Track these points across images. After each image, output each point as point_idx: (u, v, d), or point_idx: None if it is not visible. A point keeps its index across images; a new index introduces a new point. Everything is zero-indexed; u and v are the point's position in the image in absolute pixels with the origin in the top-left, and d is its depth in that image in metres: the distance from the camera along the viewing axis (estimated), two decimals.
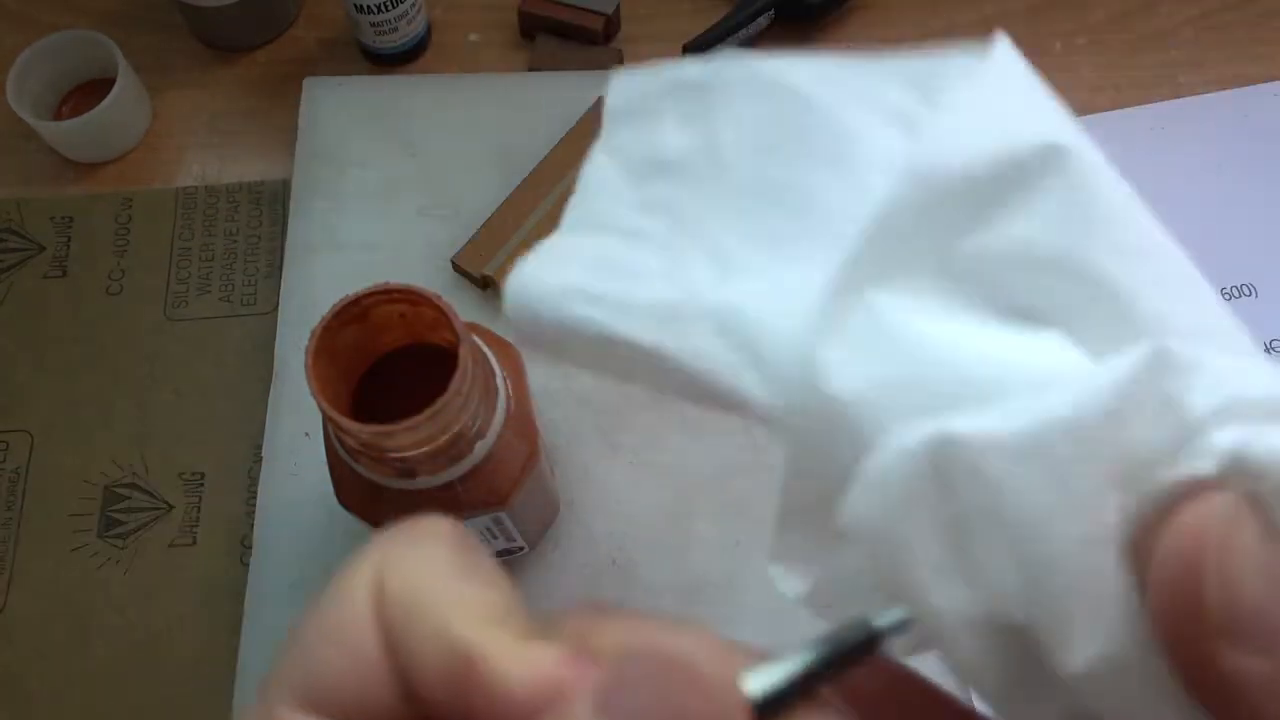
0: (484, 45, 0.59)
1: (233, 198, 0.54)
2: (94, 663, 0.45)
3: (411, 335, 0.32)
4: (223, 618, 0.46)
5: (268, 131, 0.56)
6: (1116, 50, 0.57)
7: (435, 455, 0.29)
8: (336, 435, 0.30)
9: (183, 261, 0.53)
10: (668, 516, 0.45)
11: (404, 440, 0.28)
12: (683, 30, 0.58)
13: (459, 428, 0.29)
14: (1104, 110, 0.54)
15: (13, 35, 0.59)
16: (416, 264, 0.50)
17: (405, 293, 0.29)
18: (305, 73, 0.56)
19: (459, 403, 0.28)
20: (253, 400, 0.48)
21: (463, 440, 0.30)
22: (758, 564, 0.45)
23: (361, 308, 0.30)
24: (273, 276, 0.52)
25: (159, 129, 0.56)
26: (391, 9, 0.54)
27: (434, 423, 0.28)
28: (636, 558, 0.45)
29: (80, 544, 0.47)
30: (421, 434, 0.28)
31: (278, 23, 0.58)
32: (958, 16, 0.59)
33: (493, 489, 0.32)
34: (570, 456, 0.47)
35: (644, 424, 0.47)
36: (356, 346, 0.31)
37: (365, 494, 0.31)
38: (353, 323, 0.30)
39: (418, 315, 0.31)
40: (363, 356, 0.32)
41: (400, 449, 0.28)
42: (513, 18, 0.58)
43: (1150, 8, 0.59)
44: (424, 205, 0.52)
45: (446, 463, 0.30)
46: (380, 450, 0.29)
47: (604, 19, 0.57)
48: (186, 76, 0.58)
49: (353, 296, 0.29)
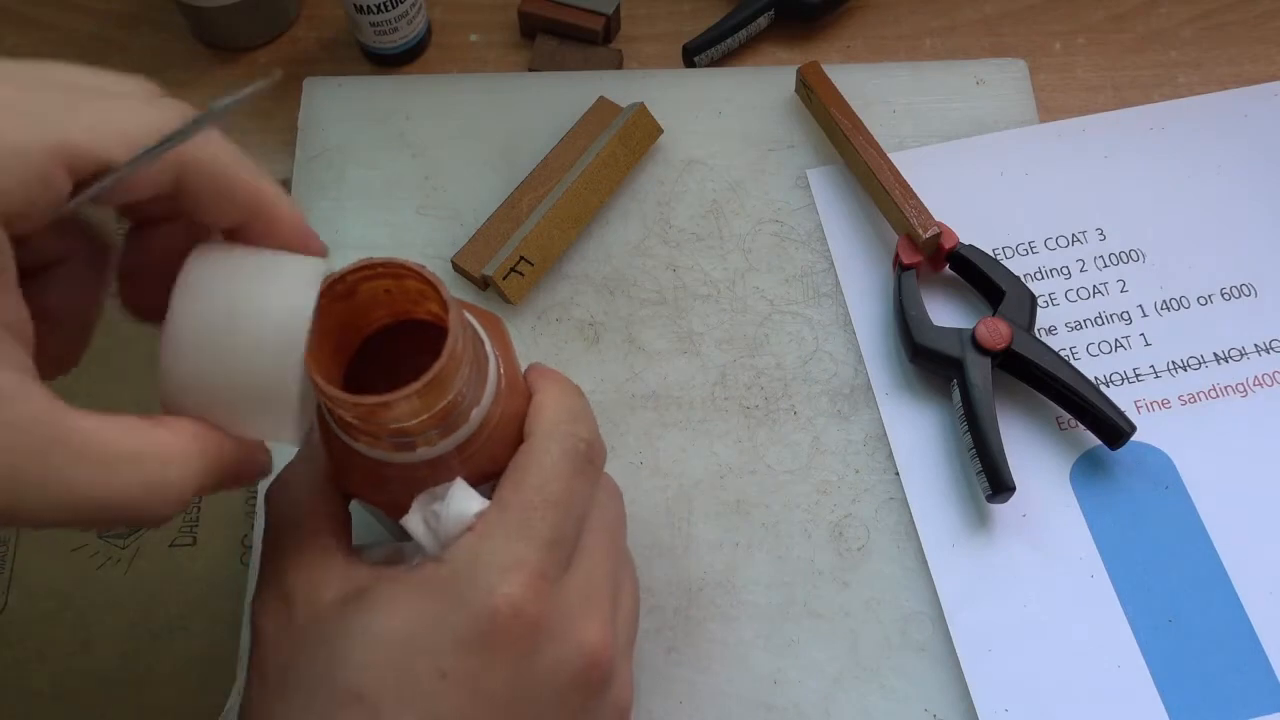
0: (484, 45, 0.59)
1: None
2: (94, 663, 0.45)
3: (398, 311, 0.32)
4: (223, 618, 0.46)
5: (268, 131, 0.56)
6: (1116, 50, 0.57)
7: (433, 424, 0.29)
8: (333, 414, 0.30)
9: None
10: (668, 516, 0.45)
11: (402, 410, 0.28)
12: (683, 30, 0.58)
13: (454, 394, 0.29)
14: (1104, 110, 0.54)
15: (13, 35, 0.59)
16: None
17: (389, 266, 0.29)
18: (305, 73, 0.56)
19: (454, 368, 0.28)
20: None
21: (459, 408, 0.30)
22: (758, 564, 0.45)
23: (347, 285, 0.30)
24: None
25: None
26: (391, 9, 0.54)
27: (430, 390, 0.28)
28: (636, 558, 0.45)
29: (80, 544, 0.47)
30: (418, 403, 0.28)
31: (278, 23, 0.58)
32: (958, 16, 0.59)
33: (492, 457, 0.32)
34: None
35: (644, 424, 0.47)
36: (345, 324, 0.31)
37: (366, 474, 0.31)
38: (339, 300, 0.30)
39: (403, 289, 0.31)
40: (352, 334, 0.32)
41: (399, 419, 0.28)
42: (513, 18, 0.58)
43: (1150, 8, 0.59)
44: (424, 205, 0.52)
45: (445, 432, 0.30)
46: (378, 423, 0.29)
47: (604, 19, 0.57)
48: (186, 76, 0.58)
49: (338, 274, 0.29)
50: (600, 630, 0.31)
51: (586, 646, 0.30)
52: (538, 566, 0.30)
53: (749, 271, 0.50)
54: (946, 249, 0.48)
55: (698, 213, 0.52)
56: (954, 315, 0.49)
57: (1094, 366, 0.48)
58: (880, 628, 0.43)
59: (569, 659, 0.30)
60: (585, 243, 0.51)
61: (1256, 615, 0.43)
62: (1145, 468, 0.46)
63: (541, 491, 0.31)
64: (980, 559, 0.44)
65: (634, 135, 0.52)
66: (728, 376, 0.48)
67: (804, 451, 0.46)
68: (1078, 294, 0.49)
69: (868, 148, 0.50)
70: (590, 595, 0.31)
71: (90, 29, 0.59)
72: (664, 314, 0.50)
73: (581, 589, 0.31)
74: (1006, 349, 0.45)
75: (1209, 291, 0.49)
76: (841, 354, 0.49)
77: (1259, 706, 0.41)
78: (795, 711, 0.42)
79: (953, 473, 0.46)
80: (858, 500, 0.46)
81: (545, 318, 0.50)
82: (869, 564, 0.44)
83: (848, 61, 0.57)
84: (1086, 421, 0.46)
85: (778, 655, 0.43)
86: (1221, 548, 0.44)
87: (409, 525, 0.31)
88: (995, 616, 0.43)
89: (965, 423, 0.45)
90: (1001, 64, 0.55)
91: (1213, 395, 0.47)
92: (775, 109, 0.54)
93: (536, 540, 0.30)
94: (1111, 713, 0.41)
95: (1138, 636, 0.43)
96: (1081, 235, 0.51)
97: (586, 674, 0.30)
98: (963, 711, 0.42)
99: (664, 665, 0.43)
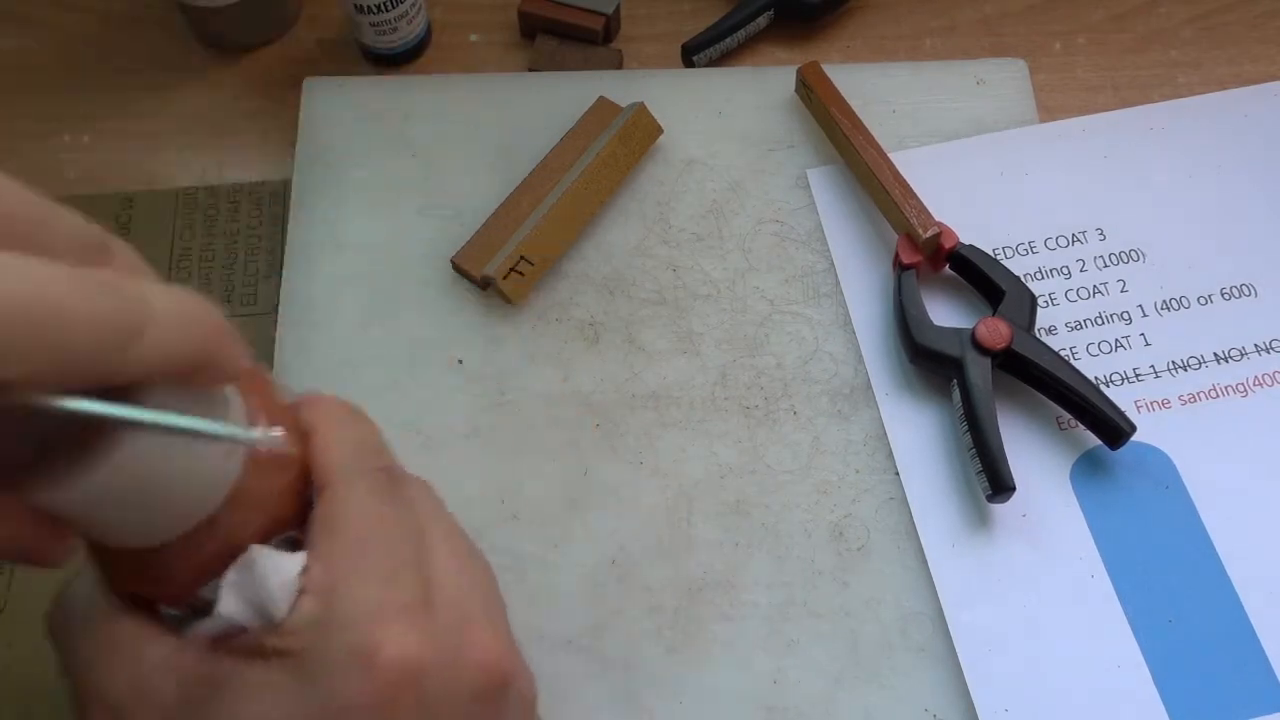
0: (484, 45, 0.59)
1: (233, 198, 0.54)
2: None
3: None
4: None
5: (268, 131, 0.56)
6: (1116, 50, 0.57)
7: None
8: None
9: (183, 262, 0.53)
10: (668, 516, 0.45)
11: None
12: (683, 30, 0.58)
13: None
14: (1104, 110, 0.54)
15: (13, 35, 0.59)
16: (416, 264, 0.51)
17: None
18: (305, 73, 0.56)
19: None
20: None
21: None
22: (758, 564, 0.45)
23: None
24: (273, 276, 0.52)
25: (159, 129, 0.56)
26: (391, 9, 0.54)
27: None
28: (637, 557, 0.45)
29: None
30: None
31: (278, 23, 0.59)
32: (958, 16, 0.59)
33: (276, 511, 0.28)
34: (570, 456, 0.47)
35: (644, 424, 0.47)
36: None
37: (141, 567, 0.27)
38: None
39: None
40: None
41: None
42: (513, 18, 0.58)
43: (1150, 8, 0.59)
44: (424, 205, 0.52)
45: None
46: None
47: (604, 19, 0.57)
48: (186, 76, 0.58)
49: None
50: (486, 638, 0.29)
51: (480, 660, 0.28)
52: (402, 603, 0.27)
53: (749, 271, 0.50)
54: (946, 249, 0.48)
55: (698, 213, 0.52)
56: (954, 315, 0.49)
57: (1094, 366, 0.48)
58: (880, 628, 0.43)
59: (468, 681, 0.28)
60: (585, 243, 0.51)
61: (1256, 615, 0.43)
62: (1145, 468, 0.46)
63: (364, 529, 0.28)
64: (980, 559, 0.44)
65: (634, 135, 0.52)
66: (728, 376, 0.48)
67: (804, 451, 0.47)
68: (1078, 294, 0.49)
69: (868, 148, 0.50)
70: (462, 607, 0.29)
71: (90, 29, 0.59)
72: (664, 314, 0.50)
73: (452, 604, 0.28)
74: (1006, 349, 0.45)
75: (1209, 291, 0.49)
76: (841, 354, 0.49)
77: (1259, 706, 0.41)
78: (795, 711, 0.42)
79: (953, 473, 0.46)
80: (858, 500, 0.46)
81: (545, 318, 0.50)
82: (869, 564, 0.44)
83: (848, 61, 0.57)
84: (1086, 421, 0.46)
85: (778, 655, 0.43)
86: (1221, 548, 0.44)
87: (225, 610, 0.26)
88: (995, 616, 0.43)
89: (965, 423, 0.45)
90: (1001, 64, 0.55)
91: (1213, 395, 0.47)
92: (775, 109, 0.54)
93: (385, 578, 0.27)
94: (1111, 713, 0.41)
95: (1138, 636, 0.43)
96: (1081, 235, 0.51)
97: (488, 686, 0.28)
98: (963, 711, 0.42)
99: (664, 665, 0.43)
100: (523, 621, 0.44)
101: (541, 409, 0.48)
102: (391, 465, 0.30)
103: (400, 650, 0.26)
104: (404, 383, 0.48)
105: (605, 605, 0.44)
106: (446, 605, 0.28)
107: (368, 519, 0.28)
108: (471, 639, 0.28)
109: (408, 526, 0.29)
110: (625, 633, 0.43)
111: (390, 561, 0.27)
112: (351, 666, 0.26)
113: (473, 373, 0.48)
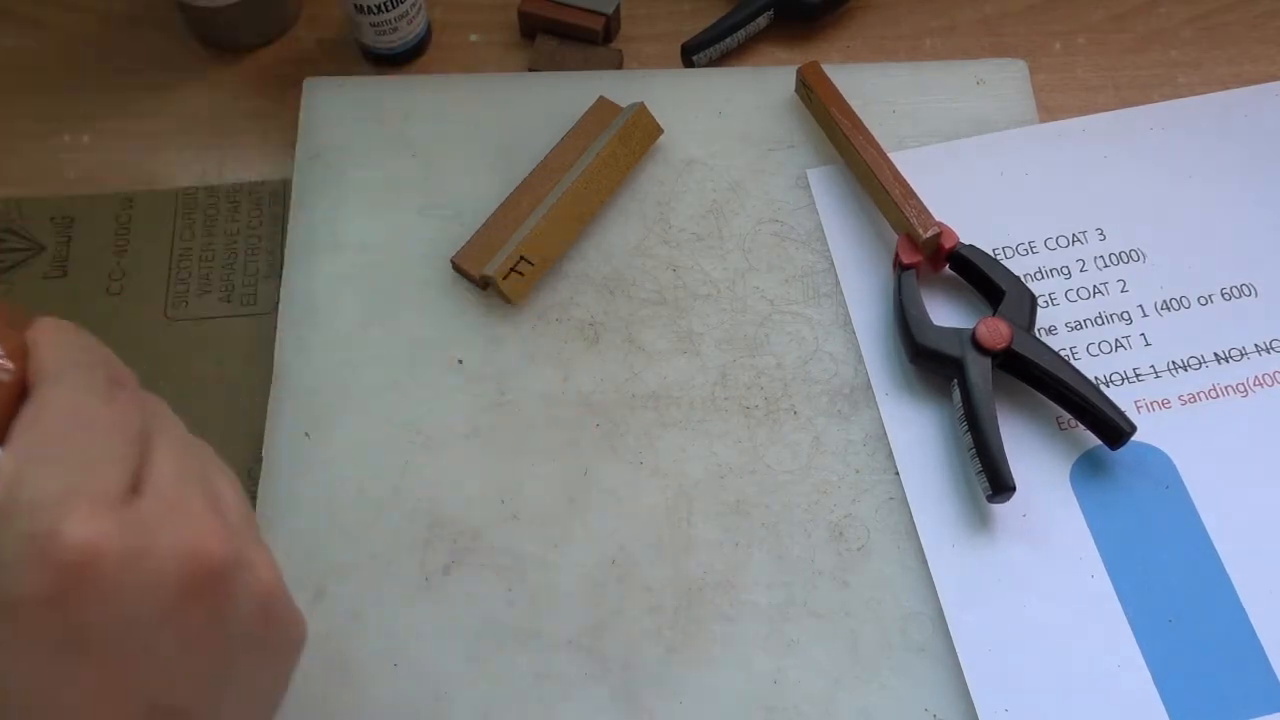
0: (484, 45, 0.59)
1: (233, 198, 0.54)
2: None
3: None
4: None
5: (268, 131, 0.56)
6: (1116, 50, 0.57)
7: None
8: None
9: (183, 262, 0.53)
10: (668, 516, 0.45)
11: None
12: (683, 30, 0.58)
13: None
14: (1103, 110, 0.54)
15: (13, 35, 0.59)
16: (416, 264, 0.51)
17: None
18: (305, 73, 0.56)
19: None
20: (253, 400, 0.48)
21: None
22: (758, 564, 0.45)
23: None
24: (273, 276, 0.52)
25: (159, 129, 0.56)
26: (391, 9, 0.54)
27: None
28: (637, 557, 0.45)
29: None
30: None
31: (278, 23, 0.59)
32: (958, 16, 0.59)
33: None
34: (570, 456, 0.47)
35: (644, 424, 0.47)
36: None
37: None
38: None
39: None
40: None
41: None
42: (513, 18, 0.58)
43: (1150, 8, 0.59)
44: (424, 205, 0.52)
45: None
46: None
47: (604, 19, 0.57)
48: (186, 76, 0.58)
49: None
50: (199, 528, 0.27)
51: (187, 548, 0.26)
52: (95, 490, 0.25)
53: (749, 271, 0.50)
54: (946, 249, 0.48)
55: (698, 213, 0.52)
56: (954, 315, 0.49)
57: (1094, 366, 0.48)
58: (880, 628, 0.43)
59: (172, 571, 0.26)
60: (585, 243, 0.51)
61: (1256, 615, 0.43)
62: (1145, 468, 0.46)
63: (63, 422, 0.26)
64: (980, 559, 0.44)
65: (634, 135, 0.52)
66: (728, 376, 0.48)
67: (804, 451, 0.47)
68: (1078, 294, 0.49)
69: (868, 147, 0.50)
70: (176, 499, 0.27)
71: (90, 29, 0.59)
72: (664, 314, 0.50)
73: (163, 495, 0.27)
74: (1006, 349, 0.45)
75: (1209, 291, 0.49)
76: (841, 354, 0.49)
77: (1259, 706, 0.41)
78: (795, 711, 0.42)
79: (953, 473, 0.46)
80: (858, 500, 0.46)
81: (545, 318, 0.50)
82: (869, 564, 0.44)
83: (848, 61, 0.57)
84: (1086, 421, 0.46)
85: (778, 655, 0.43)
86: (1221, 548, 0.44)
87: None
88: (995, 616, 0.43)
89: (965, 423, 0.45)
90: (1001, 64, 0.55)
91: (1213, 395, 0.47)
92: (775, 109, 0.54)
93: (79, 466, 0.26)
94: (1111, 713, 0.41)
95: (1138, 636, 0.43)
96: (1081, 235, 0.51)
97: (196, 574, 0.26)
98: (963, 711, 0.42)
99: (664, 665, 0.43)
100: (523, 621, 0.44)
101: (541, 409, 0.48)
102: (115, 369, 0.29)
103: (81, 537, 0.24)
104: (404, 383, 0.48)
105: (605, 605, 0.44)
106: (156, 496, 0.27)
107: (69, 412, 0.27)
108: (180, 529, 0.26)
109: (121, 422, 0.27)
110: (625, 633, 0.43)
111: (90, 452, 0.26)
112: (25, 554, 0.24)
113: (473, 373, 0.48)
